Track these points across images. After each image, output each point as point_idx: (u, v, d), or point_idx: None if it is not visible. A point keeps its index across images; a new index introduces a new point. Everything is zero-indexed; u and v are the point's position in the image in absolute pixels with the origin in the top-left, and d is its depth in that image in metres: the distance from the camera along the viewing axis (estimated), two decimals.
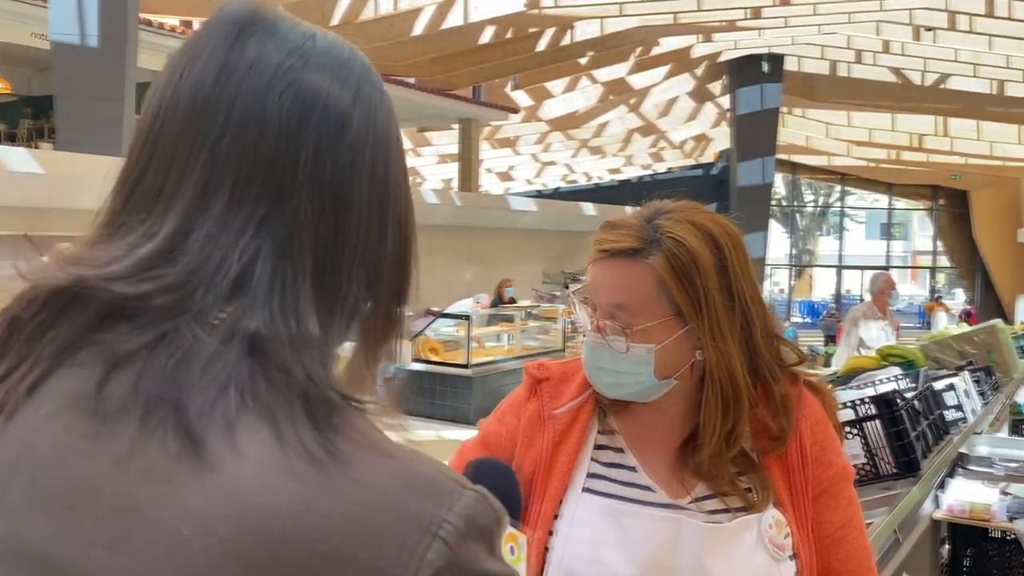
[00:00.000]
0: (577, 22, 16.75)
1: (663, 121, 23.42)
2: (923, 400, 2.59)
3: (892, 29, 19.15)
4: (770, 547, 1.06)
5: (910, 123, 24.31)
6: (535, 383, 1.22)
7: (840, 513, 1.13)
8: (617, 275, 1.09)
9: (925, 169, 26.95)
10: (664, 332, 1.08)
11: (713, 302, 1.06)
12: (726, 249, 1.10)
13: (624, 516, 1.09)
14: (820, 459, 1.12)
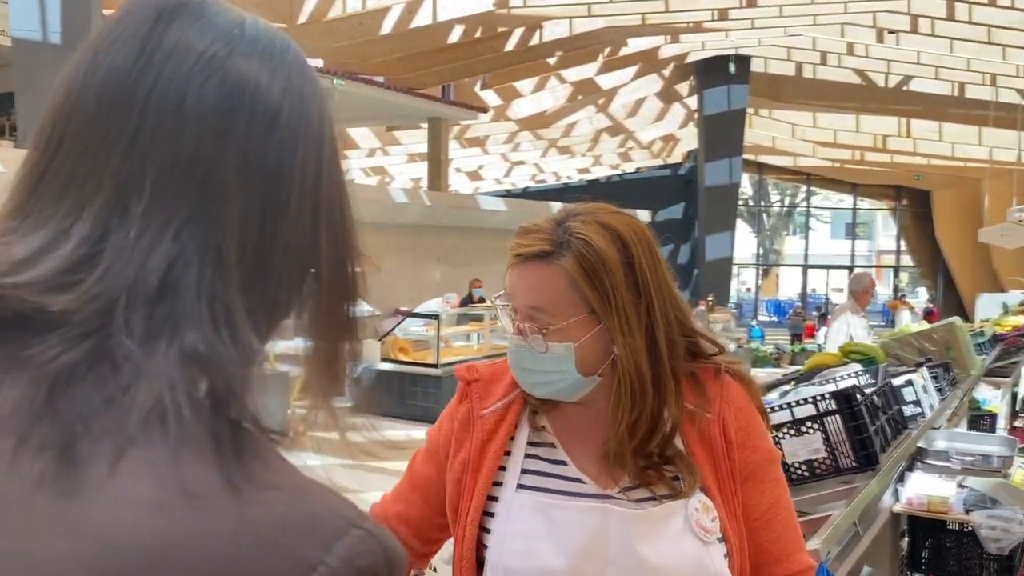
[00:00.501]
0: (546, 22, 16.81)
1: (631, 121, 23.56)
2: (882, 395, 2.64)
3: (856, 31, 19.44)
4: (698, 530, 1.09)
5: (874, 124, 24.69)
6: (466, 385, 1.25)
7: (768, 495, 1.16)
8: (532, 278, 1.13)
9: (889, 170, 27.39)
10: (581, 330, 1.11)
11: (621, 298, 1.10)
12: (633, 247, 1.13)
13: (554, 509, 1.12)
14: (745, 444, 1.16)
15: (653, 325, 1.13)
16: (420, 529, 1.27)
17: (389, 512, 1.28)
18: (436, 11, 14.95)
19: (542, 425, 1.20)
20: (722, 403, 1.16)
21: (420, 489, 1.27)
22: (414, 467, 1.30)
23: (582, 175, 28.80)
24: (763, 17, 17.85)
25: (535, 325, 1.13)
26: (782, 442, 2.40)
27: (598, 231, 1.12)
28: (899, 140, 24.92)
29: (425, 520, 1.27)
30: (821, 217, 35.60)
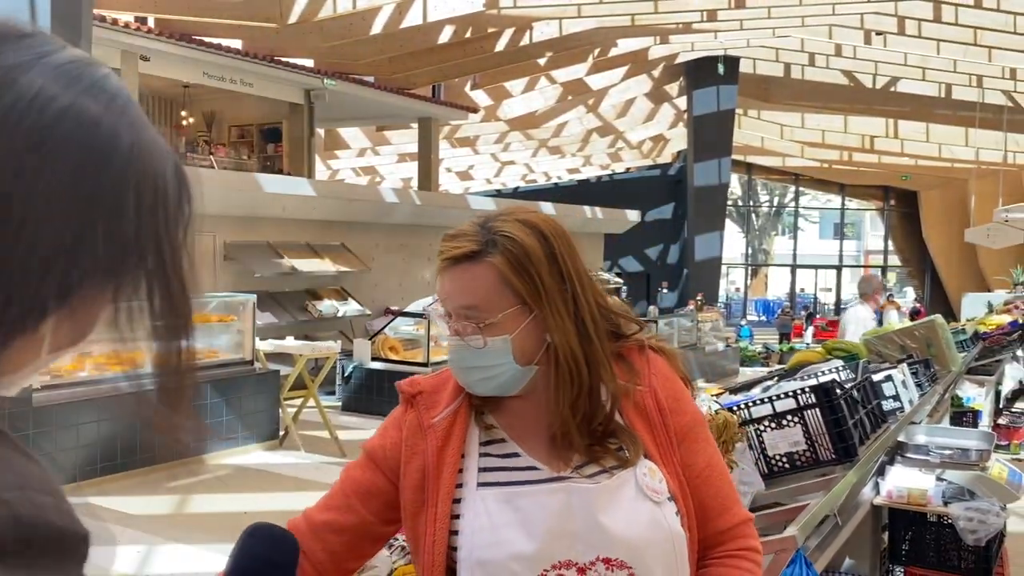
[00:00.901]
0: (535, 23, 16.85)
1: (621, 122, 23.63)
2: (861, 390, 2.70)
3: (844, 33, 19.56)
4: (649, 492, 1.17)
5: (861, 125, 24.84)
6: (409, 399, 1.29)
7: (703, 454, 1.25)
8: (463, 279, 1.18)
9: (876, 170, 27.55)
10: (514, 322, 1.18)
11: (548, 288, 1.18)
12: (552, 239, 1.21)
13: (517, 498, 1.18)
14: (675, 409, 1.25)
15: (579, 309, 1.21)
16: (354, 537, 1.28)
17: (317, 521, 1.28)
18: (426, 11, 14.98)
19: (490, 424, 1.25)
20: (650, 375, 1.26)
21: (360, 496, 1.27)
22: (351, 476, 1.30)
23: (572, 175, 28.86)
24: (752, 18, 17.94)
25: (471, 323, 1.18)
26: (763, 435, 2.46)
27: (520, 228, 1.19)
28: (886, 141, 25.08)
29: (362, 527, 1.27)
30: (809, 217, 35.77)
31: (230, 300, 8.13)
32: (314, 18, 14.23)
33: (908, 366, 3.46)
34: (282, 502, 6.05)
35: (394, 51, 16.29)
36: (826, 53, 20.97)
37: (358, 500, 1.27)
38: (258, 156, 15.87)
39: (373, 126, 19.72)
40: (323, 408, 7.99)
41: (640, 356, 1.27)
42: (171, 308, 0.62)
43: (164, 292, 0.61)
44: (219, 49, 13.32)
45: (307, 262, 11.14)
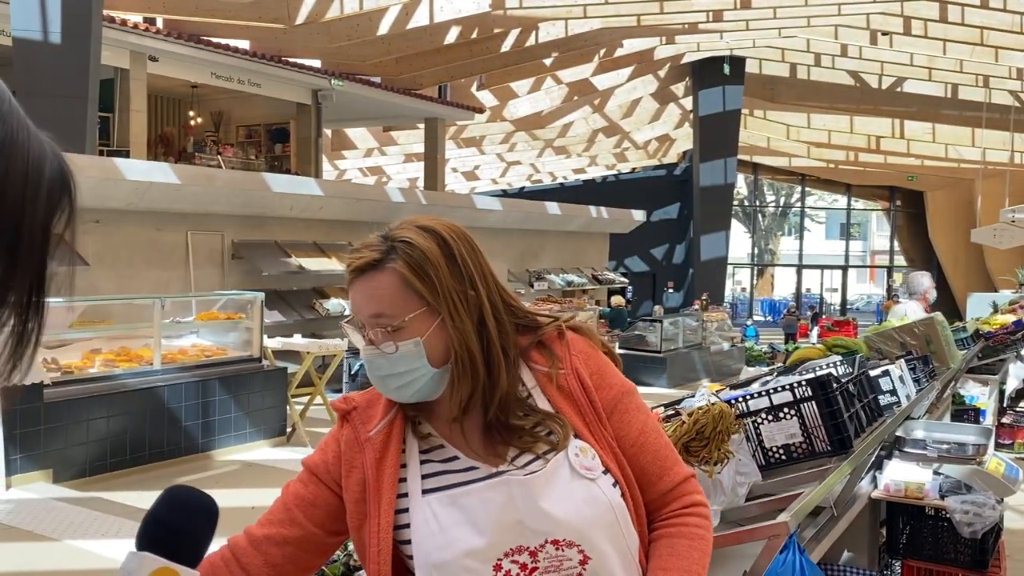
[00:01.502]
0: (541, 23, 16.90)
1: (627, 122, 23.66)
2: (857, 384, 2.75)
3: (850, 33, 19.56)
4: (583, 471, 1.21)
5: (868, 125, 24.82)
6: (344, 415, 1.33)
7: (635, 423, 1.29)
8: (368, 288, 1.22)
9: (882, 170, 27.53)
10: (422, 325, 1.22)
11: (447, 288, 1.22)
12: (451, 242, 1.25)
13: (460, 498, 1.22)
14: (600, 385, 1.29)
15: (481, 309, 1.25)
16: (298, 549, 1.29)
17: (257, 535, 1.29)
18: (433, 12, 15.05)
19: (427, 432, 1.30)
20: (571, 357, 1.30)
21: (303, 508, 1.30)
22: (293, 491, 1.32)
23: (578, 175, 28.89)
24: (757, 19, 17.96)
25: (381, 331, 1.22)
26: (761, 427, 2.52)
27: (418, 233, 1.25)
28: (893, 141, 25.06)
29: (306, 539, 1.29)
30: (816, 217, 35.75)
31: (238, 298, 8.21)
32: (321, 19, 14.31)
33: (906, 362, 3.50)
34: None
35: (401, 52, 16.37)
36: (832, 53, 20.98)
37: (301, 512, 1.29)
38: (266, 156, 15.96)
39: (380, 126, 19.80)
40: (330, 405, 8.06)
41: (560, 341, 1.31)
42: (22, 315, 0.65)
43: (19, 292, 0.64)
44: (227, 50, 13.41)
45: (314, 261, 11.21)
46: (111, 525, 5.51)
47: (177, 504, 0.96)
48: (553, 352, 1.30)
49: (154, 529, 0.93)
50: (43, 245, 0.65)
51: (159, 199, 9.30)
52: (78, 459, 6.46)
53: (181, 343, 7.88)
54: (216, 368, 7.60)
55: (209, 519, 0.98)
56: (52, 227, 0.66)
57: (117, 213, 9.01)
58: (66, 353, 7.00)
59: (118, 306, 7.86)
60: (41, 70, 8.65)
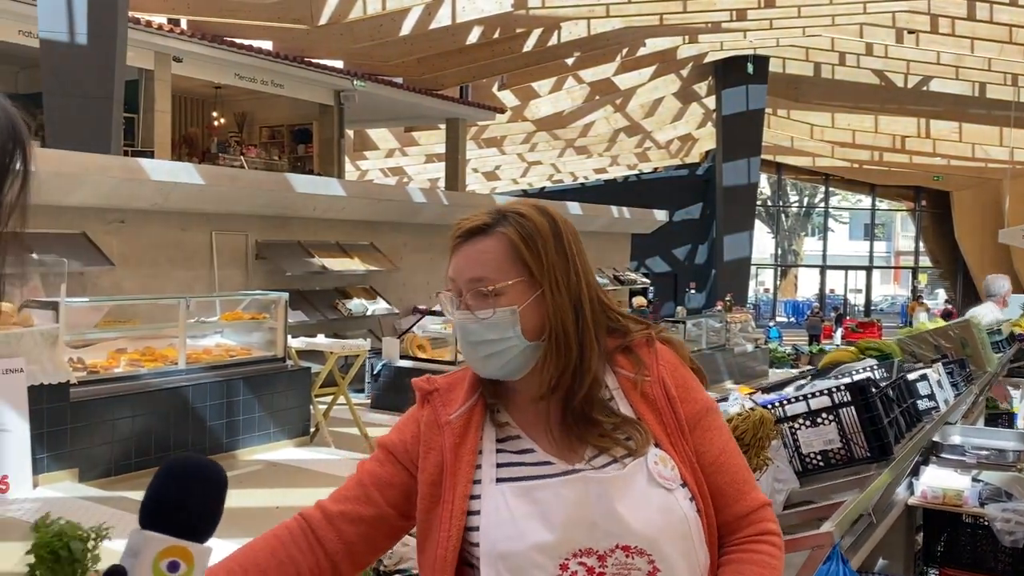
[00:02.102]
0: (564, 23, 16.86)
1: (649, 121, 23.56)
2: (896, 389, 2.69)
3: (875, 32, 19.36)
4: (661, 480, 1.20)
5: (893, 125, 24.56)
6: (425, 395, 1.32)
7: (716, 442, 1.27)
8: (474, 251, 1.24)
9: (908, 170, 27.23)
10: (521, 294, 1.23)
11: (552, 261, 1.24)
12: (560, 224, 1.28)
13: (535, 490, 1.20)
14: (684, 398, 1.27)
15: (580, 292, 1.26)
16: (371, 528, 1.28)
17: (332, 510, 1.27)
18: (455, 12, 15.04)
19: (504, 421, 1.28)
20: (658, 366, 1.29)
21: (379, 487, 1.28)
22: (368, 469, 1.31)
23: (599, 175, 28.81)
24: (781, 17, 17.82)
25: (480, 296, 1.23)
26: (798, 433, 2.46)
27: (531, 208, 1.28)
28: (918, 141, 24.78)
29: (380, 519, 1.28)
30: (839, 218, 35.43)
31: (262, 298, 8.23)
32: (344, 19, 14.34)
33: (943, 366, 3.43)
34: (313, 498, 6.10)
35: (423, 52, 16.38)
36: (857, 52, 20.77)
37: (376, 491, 1.28)
38: (288, 157, 16.02)
39: (401, 127, 19.83)
40: (353, 405, 8.06)
41: (648, 349, 1.30)
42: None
43: None
44: (250, 50, 13.47)
45: (337, 261, 11.23)
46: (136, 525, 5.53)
47: (177, 477, 0.89)
48: (640, 358, 1.29)
49: (154, 506, 0.86)
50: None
51: (184, 199, 9.34)
52: (103, 458, 6.49)
53: (205, 343, 7.90)
54: (240, 368, 7.62)
55: (212, 488, 0.90)
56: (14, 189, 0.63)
57: (142, 213, 9.06)
58: (92, 353, 7.04)
59: (143, 306, 7.89)
60: (67, 71, 8.71)
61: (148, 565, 0.82)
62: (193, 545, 0.85)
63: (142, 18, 11.98)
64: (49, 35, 8.73)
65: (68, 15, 8.65)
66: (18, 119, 0.65)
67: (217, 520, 0.90)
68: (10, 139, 0.64)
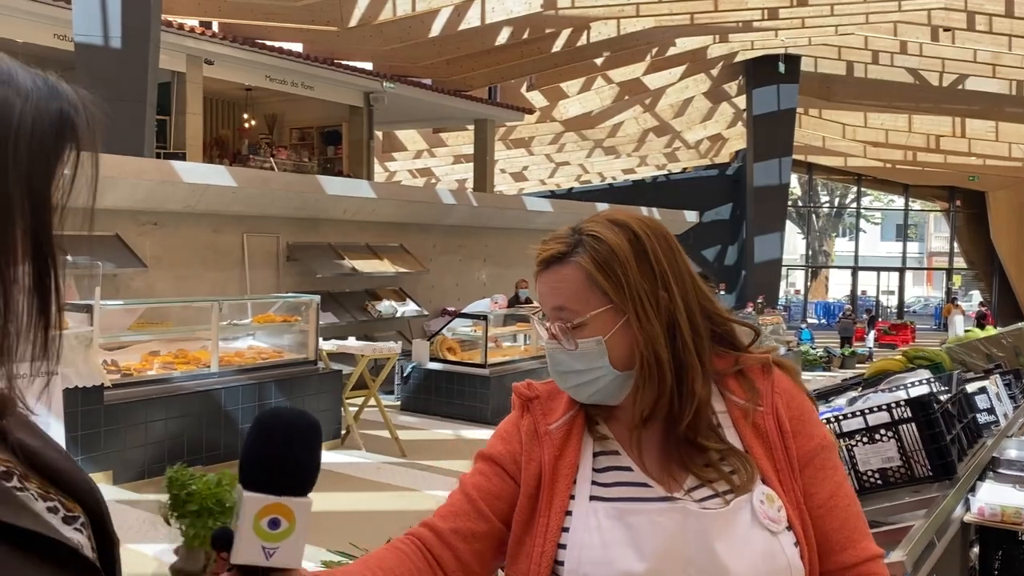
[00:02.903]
0: (593, 23, 16.76)
1: (678, 121, 23.39)
2: (956, 403, 2.59)
3: (910, 30, 19.06)
4: (766, 521, 1.11)
5: (927, 124, 24.19)
6: (525, 402, 1.27)
7: (828, 483, 1.17)
8: (553, 280, 1.18)
9: (942, 170, 26.81)
10: (606, 323, 1.16)
11: (635, 286, 1.15)
12: (644, 237, 1.18)
13: (629, 515, 1.13)
14: (800, 432, 1.17)
15: (673, 312, 1.16)
16: (485, 546, 1.22)
17: (443, 528, 1.22)
18: (484, 13, 15.00)
19: (604, 435, 1.21)
20: (774, 395, 1.19)
21: (488, 501, 1.23)
22: (475, 483, 1.25)
23: (627, 175, 28.66)
24: (814, 16, 17.60)
25: (563, 325, 1.17)
26: (854, 449, 2.37)
27: (608, 227, 1.18)
28: (953, 140, 24.38)
29: (494, 536, 1.22)
30: (871, 218, 34.97)
31: (294, 301, 8.22)
32: (374, 21, 14.35)
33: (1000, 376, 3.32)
34: (343, 501, 6.09)
35: (452, 53, 16.35)
36: (891, 51, 20.46)
37: (487, 506, 1.22)
38: (318, 158, 16.08)
39: (429, 128, 19.84)
40: (384, 408, 8.03)
41: (764, 375, 1.20)
42: None
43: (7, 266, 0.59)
44: (281, 53, 13.52)
45: (367, 263, 11.23)
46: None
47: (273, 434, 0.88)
48: (753, 385, 1.19)
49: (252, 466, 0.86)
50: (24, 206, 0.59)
51: (216, 201, 9.38)
52: (137, 461, 6.51)
53: (238, 345, 7.91)
54: (272, 371, 7.61)
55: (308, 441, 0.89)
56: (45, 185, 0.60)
57: (174, 215, 9.10)
58: (125, 355, 7.07)
59: (175, 308, 7.92)
60: (102, 74, 8.77)
61: (249, 524, 0.83)
62: (291, 500, 0.85)
63: (174, 21, 12.06)
64: (84, 39, 8.80)
65: (103, 19, 8.71)
66: (75, 112, 0.62)
67: (315, 471, 0.88)
68: (59, 135, 0.61)
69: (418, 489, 6.61)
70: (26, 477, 0.65)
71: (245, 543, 0.83)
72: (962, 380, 3.07)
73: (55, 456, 0.70)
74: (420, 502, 6.21)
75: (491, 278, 13.49)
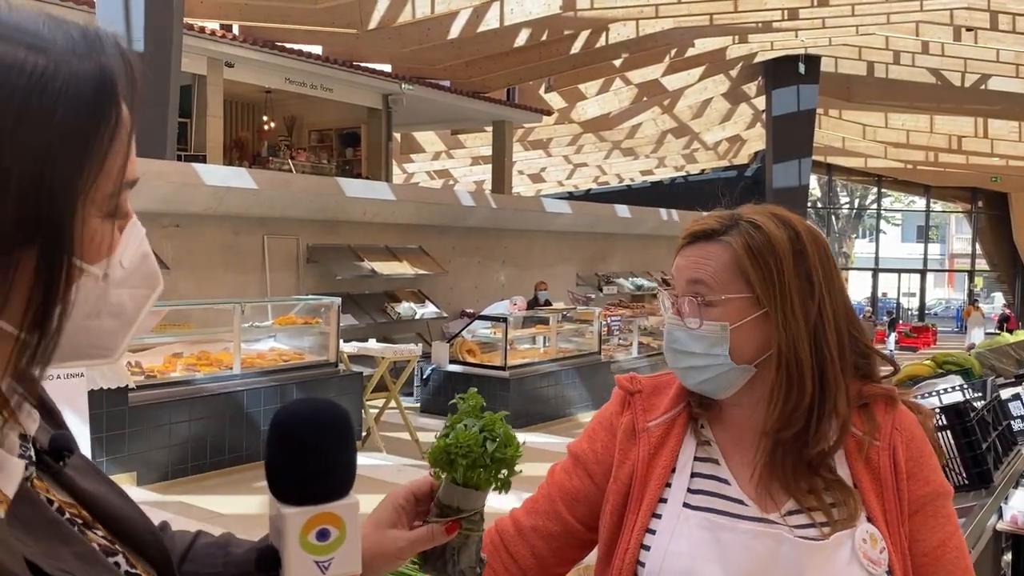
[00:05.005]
0: (612, 24, 16.72)
1: (697, 122, 23.30)
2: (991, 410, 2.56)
3: (932, 30, 18.90)
4: (865, 562, 1.06)
5: (949, 124, 23.97)
6: (627, 396, 1.23)
7: (938, 532, 1.12)
8: (696, 254, 1.14)
9: (964, 171, 26.56)
10: (739, 311, 1.11)
11: (787, 284, 1.10)
12: (805, 238, 1.13)
13: (721, 531, 1.10)
14: (916, 475, 1.12)
15: (823, 320, 1.11)
16: (562, 544, 1.23)
17: (524, 524, 1.24)
18: (503, 15, 15.00)
19: (706, 439, 1.17)
20: (893, 431, 1.13)
21: (567, 502, 1.23)
22: (557, 481, 1.26)
23: (645, 177, 28.59)
24: (834, 16, 17.48)
25: (692, 299, 1.12)
26: None
27: (769, 218, 1.14)
28: (975, 141, 24.15)
29: (570, 534, 1.23)
30: (892, 219, 34.70)
31: (315, 303, 8.25)
32: (393, 23, 14.38)
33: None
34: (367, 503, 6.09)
35: (470, 55, 16.36)
36: (912, 51, 20.29)
37: (564, 507, 1.23)
38: (337, 160, 16.13)
39: (448, 129, 19.86)
40: (404, 410, 8.04)
41: (887, 408, 1.15)
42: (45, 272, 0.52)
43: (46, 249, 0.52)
44: (300, 55, 13.58)
45: (386, 265, 11.25)
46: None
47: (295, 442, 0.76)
48: (874, 418, 1.13)
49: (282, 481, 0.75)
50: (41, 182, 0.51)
51: (237, 204, 9.42)
52: (161, 462, 6.56)
53: (259, 347, 7.95)
54: (293, 372, 7.65)
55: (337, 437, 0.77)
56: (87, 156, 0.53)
57: (196, 218, 9.15)
58: (149, 357, 7.12)
59: (197, 310, 7.96)
60: None
61: (295, 542, 0.73)
62: (337, 505, 0.75)
63: (195, 24, 12.14)
64: None
65: (126, 23, 8.78)
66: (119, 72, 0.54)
67: (354, 467, 0.78)
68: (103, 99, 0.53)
69: None
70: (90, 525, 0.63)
71: (295, 563, 0.73)
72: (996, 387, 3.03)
73: (119, 503, 0.67)
74: None
75: (510, 280, 13.47)
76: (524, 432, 8.91)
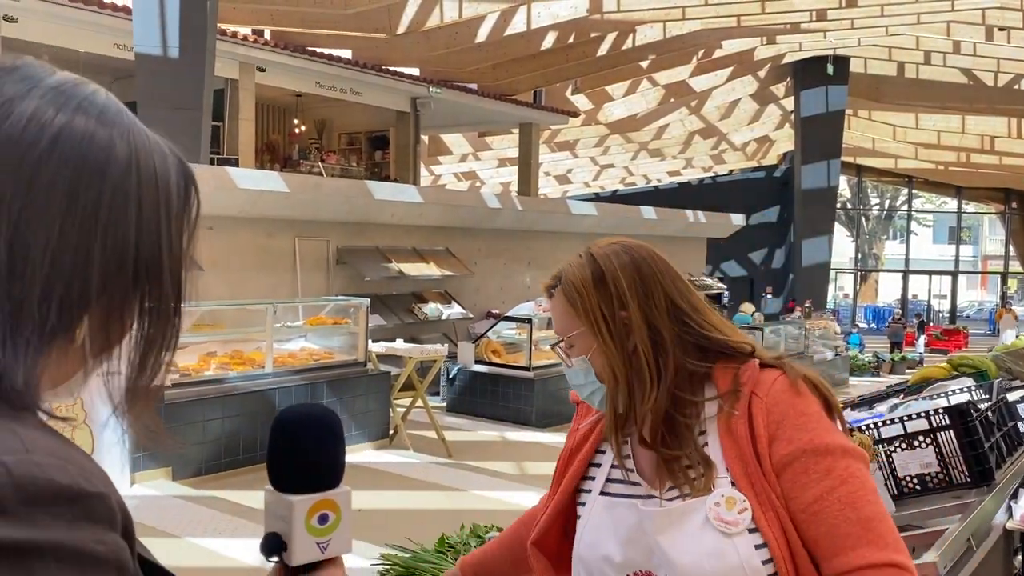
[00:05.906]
0: (639, 26, 16.76)
1: (725, 123, 23.23)
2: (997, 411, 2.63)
3: (963, 29, 18.72)
4: (717, 523, 1.17)
5: (981, 125, 23.68)
6: (577, 405, 1.50)
7: (812, 488, 1.15)
8: (551, 308, 1.38)
9: (997, 172, 26.22)
10: (587, 343, 1.32)
11: (591, 310, 1.30)
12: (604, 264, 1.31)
13: (616, 507, 1.31)
14: (778, 437, 1.19)
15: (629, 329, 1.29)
16: None
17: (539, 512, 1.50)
18: (530, 18, 15.11)
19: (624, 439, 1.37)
20: (752, 398, 1.22)
21: None
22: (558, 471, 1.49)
23: (673, 178, 28.53)
24: (863, 17, 17.38)
25: (563, 346, 1.36)
26: (893, 455, 2.43)
27: (577, 259, 1.36)
28: (1008, 141, 23.84)
29: None
30: (923, 221, 34.32)
31: (344, 303, 8.41)
32: (421, 28, 14.55)
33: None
34: (395, 499, 6.25)
35: (498, 58, 16.49)
36: (943, 51, 20.11)
37: None
38: (366, 163, 16.33)
39: (475, 132, 20.00)
40: (431, 409, 8.18)
41: (748, 376, 1.24)
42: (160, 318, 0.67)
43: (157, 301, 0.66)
44: (330, 59, 13.79)
45: (414, 266, 11.41)
46: (227, 524, 5.73)
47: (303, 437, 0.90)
48: (736, 391, 1.24)
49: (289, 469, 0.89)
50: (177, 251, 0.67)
51: (269, 207, 9.62)
52: (195, 458, 6.74)
53: (290, 347, 8.12)
54: (323, 372, 7.81)
55: (333, 436, 0.92)
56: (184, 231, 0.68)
57: (230, 220, 9.36)
58: (183, 356, 7.30)
59: (230, 310, 8.16)
60: (160, 83, 9.05)
61: (301, 525, 0.86)
62: (335, 493, 0.89)
63: (228, 29, 12.38)
64: (144, 49, 9.09)
65: (162, 30, 8.99)
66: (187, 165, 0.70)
67: (344, 461, 0.93)
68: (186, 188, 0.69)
69: (465, 489, 6.73)
70: None
71: (301, 544, 0.86)
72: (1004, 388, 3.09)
73: None
74: (468, 502, 6.33)
75: (535, 281, 13.58)
76: (547, 432, 9.00)
